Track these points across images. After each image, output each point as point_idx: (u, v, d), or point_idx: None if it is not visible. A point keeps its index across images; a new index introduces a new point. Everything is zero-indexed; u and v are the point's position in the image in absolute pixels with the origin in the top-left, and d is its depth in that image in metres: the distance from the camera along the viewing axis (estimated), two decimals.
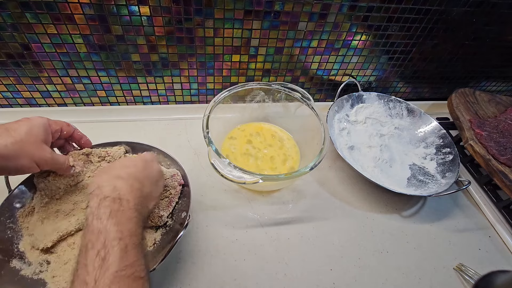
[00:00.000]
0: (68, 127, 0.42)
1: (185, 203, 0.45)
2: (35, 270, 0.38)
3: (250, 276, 0.45)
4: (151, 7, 0.50)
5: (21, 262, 0.38)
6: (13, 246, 0.40)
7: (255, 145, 0.59)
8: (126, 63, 0.58)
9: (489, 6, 0.60)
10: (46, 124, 0.38)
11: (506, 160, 0.57)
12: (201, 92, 0.67)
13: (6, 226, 0.40)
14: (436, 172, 0.60)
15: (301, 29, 0.58)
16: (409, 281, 0.47)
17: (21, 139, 0.34)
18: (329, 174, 0.61)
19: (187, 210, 0.43)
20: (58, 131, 0.41)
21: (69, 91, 0.61)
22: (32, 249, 0.40)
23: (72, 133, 0.43)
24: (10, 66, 0.55)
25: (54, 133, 0.40)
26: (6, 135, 0.34)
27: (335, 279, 0.46)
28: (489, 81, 0.82)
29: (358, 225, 0.53)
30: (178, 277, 0.43)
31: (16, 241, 0.40)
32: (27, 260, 0.39)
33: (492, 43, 0.69)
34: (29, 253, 0.40)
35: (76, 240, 0.41)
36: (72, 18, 0.50)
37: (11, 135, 0.34)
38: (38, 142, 0.37)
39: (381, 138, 0.67)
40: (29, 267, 0.38)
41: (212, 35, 0.56)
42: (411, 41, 0.65)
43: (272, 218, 0.52)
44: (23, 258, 0.39)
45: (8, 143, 0.33)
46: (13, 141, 0.34)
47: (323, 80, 0.71)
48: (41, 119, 0.38)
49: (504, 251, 0.54)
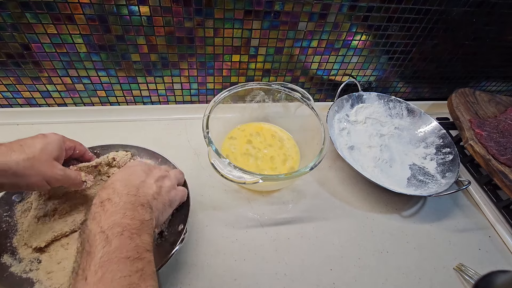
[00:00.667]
0: (81, 146, 0.43)
1: (183, 213, 0.43)
2: (25, 268, 0.38)
3: (250, 276, 0.45)
4: (151, 7, 0.50)
5: (12, 258, 0.38)
6: (6, 240, 0.39)
7: (255, 145, 0.59)
8: (126, 63, 0.58)
9: (489, 6, 0.60)
10: (60, 141, 0.38)
11: (506, 160, 0.57)
12: (201, 92, 0.67)
13: (2, 219, 0.40)
14: (436, 172, 0.60)
15: (301, 29, 0.58)
16: (409, 281, 0.47)
17: (33, 156, 0.34)
18: (329, 174, 0.61)
19: (185, 223, 0.41)
20: (71, 148, 0.41)
21: (69, 91, 0.61)
22: (25, 245, 0.39)
23: (84, 153, 0.44)
24: (10, 66, 0.55)
25: (67, 150, 0.40)
26: (19, 151, 0.34)
27: (335, 279, 0.46)
28: (489, 81, 0.82)
29: (358, 225, 0.53)
30: (178, 277, 0.43)
31: (10, 235, 0.40)
32: (18, 257, 0.38)
33: (492, 43, 0.69)
34: (21, 249, 0.39)
35: (70, 241, 0.41)
36: (72, 18, 0.50)
37: (25, 152, 0.34)
38: (50, 160, 0.37)
39: (381, 138, 0.67)
40: (19, 264, 0.38)
41: (212, 35, 0.56)
42: (411, 41, 0.65)
43: (272, 218, 0.52)
44: (14, 254, 0.38)
45: (20, 160, 0.33)
46: (25, 158, 0.34)
47: (323, 80, 0.71)
48: (56, 136, 0.38)
49: (504, 251, 0.54)
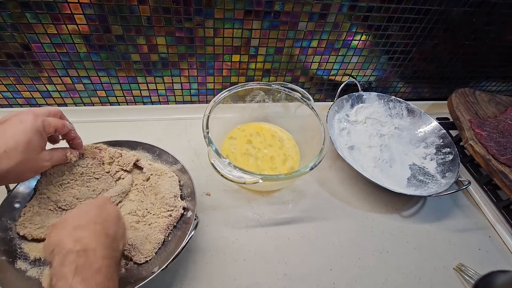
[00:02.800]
0: (63, 128, 0.40)
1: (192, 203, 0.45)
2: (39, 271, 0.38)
3: (250, 276, 0.45)
4: (151, 7, 0.50)
5: (26, 262, 0.38)
6: (15, 247, 0.39)
7: (255, 145, 0.59)
8: (126, 63, 0.58)
9: (489, 6, 0.60)
10: (41, 130, 0.36)
11: (506, 160, 0.57)
12: (201, 92, 0.67)
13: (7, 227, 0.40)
14: (436, 172, 0.60)
15: (301, 29, 0.58)
16: (409, 281, 0.47)
17: (21, 159, 0.34)
18: (329, 174, 0.61)
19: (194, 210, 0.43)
20: (52, 133, 0.39)
21: (69, 91, 0.61)
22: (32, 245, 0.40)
23: (67, 133, 0.42)
24: (10, 66, 0.55)
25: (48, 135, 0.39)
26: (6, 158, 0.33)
27: (335, 279, 0.46)
28: (489, 81, 0.82)
29: (358, 225, 0.53)
30: (178, 277, 0.43)
31: (18, 242, 0.40)
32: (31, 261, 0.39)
33: (492, 43, 0.69)
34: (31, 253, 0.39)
35: None
36: (72, 18, 0.50)
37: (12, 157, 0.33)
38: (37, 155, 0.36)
39: (381, 138, 0.67)
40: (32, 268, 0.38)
41: (212, 35, 0.56)
42: (411, 41, 0.65)
43: (272, 218, 0.52)
44: (27, 259, 0.39)
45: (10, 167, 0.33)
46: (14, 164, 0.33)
47: (323, 80, 0.71)
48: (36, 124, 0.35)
49: (504, 251, 0.54)
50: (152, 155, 0.51)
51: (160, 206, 0.44)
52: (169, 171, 0.48)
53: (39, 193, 0.42)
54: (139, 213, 0.44)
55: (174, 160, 0.50)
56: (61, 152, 0.41)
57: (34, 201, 0.42)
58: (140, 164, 0.49)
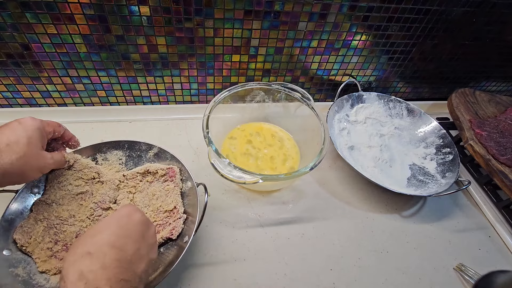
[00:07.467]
0: (59, 128, 0.42)
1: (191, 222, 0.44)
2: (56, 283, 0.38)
3: (250, 276, 0.45)
4: (151, 7, 0.50)
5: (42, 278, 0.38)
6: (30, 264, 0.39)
7: (255, 145, 0.59)
8: (126, 63, 0.58)
9: (489, 6, 0.60)
10: (41, 128, 0.38)
11: (506, 160, 0.57)
12: (201, 92, 0.67)
13: None
14: (436, 172, 0.60)
15: (301, 29, 0.58)
16: (409, 281, 0.47)
17: (24, 153, 0.34)
18: (329, 174, 0.61)
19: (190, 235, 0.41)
20: (51, 132, 0.41)
21: (69, 91, 0.61)
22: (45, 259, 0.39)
23: (63, 133, 0.43)
24: (10, 66, 0.55)
25: (47, 135, 0.40)
26: (9, 152, 0.33)
27: (335, 279, 0.46)
28: (489, 81, 0.82)
29: (358, 225, 0.53)
30: (178, 277, 0.43)
31: None
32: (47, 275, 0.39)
33: (492, 43, 0.69)
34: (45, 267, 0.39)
35: None
36: (72, 18, 0.50)
37: (14, 151, 0.34)
38: (39, 151, 0.37)
39: (381, 138, 0.67)
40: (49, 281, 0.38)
41: (212, 35, 0.56)
42: (411, 41, 0.65)
43: (272, 218, 0.52)
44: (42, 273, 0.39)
45: (13, 160, 0.33)
46: (17, 157, 0.34)
47: (323, 80, 0.71)
48: (35, 123, 0.37)
49: (504, 251, 0.54)
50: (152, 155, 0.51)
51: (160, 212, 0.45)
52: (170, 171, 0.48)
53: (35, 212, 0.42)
54: None
55: (174, 160, 0.50)
56: (59, 153, 0.43)
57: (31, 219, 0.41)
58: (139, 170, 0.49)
